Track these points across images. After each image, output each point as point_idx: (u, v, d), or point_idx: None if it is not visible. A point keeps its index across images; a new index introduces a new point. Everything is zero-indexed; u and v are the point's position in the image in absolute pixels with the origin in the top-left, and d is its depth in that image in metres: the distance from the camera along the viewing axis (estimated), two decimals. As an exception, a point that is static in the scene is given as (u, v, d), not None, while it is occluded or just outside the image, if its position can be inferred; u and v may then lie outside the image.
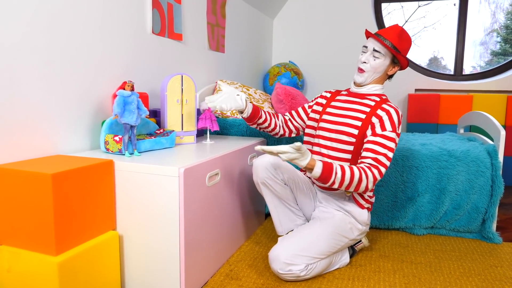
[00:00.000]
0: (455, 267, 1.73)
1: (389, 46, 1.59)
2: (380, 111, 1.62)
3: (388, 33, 1.62)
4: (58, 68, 1.54)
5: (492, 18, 5.81)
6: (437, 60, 5.35)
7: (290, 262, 1.50)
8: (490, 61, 5.38)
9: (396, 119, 1.60)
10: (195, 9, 2.53)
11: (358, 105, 1.70)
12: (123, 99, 1.52)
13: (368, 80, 1.67)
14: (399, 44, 1.61)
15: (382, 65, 1.64)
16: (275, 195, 1.70)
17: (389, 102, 1.65)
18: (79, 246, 1.31)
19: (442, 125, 3.38)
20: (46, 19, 1.47)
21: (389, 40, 1.60)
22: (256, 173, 1.67)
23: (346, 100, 1.75)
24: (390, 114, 1.60)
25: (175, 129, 1.88)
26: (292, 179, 1.68)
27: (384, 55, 1.62)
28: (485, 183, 2.00)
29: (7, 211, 1.27)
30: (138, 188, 1.44)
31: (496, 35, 5.60)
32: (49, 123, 1.52)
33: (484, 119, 2.24)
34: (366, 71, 1.65)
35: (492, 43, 5.43)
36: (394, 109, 1.61)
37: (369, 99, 1.69)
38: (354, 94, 1.75)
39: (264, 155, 1.68)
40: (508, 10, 5.91)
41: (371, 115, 1.63)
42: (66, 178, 1.24)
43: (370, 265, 1.75)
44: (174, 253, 1.41)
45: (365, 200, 1.68)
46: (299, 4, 4.01)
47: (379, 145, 1.56)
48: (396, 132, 1.59)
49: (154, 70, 2.14)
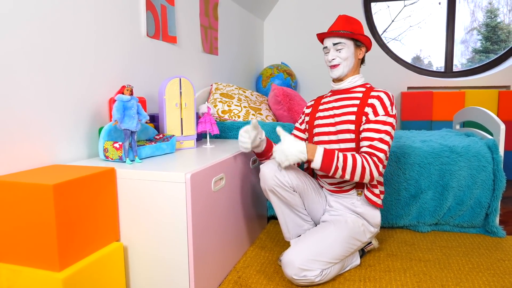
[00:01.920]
0: (464, 263, 1.72)
1: (345, 33, 1.62)
2: (371, 99, 1.62)
3: (337, 25, 1.66)
4: (52, 74, 1.48)
5: (472, 17, 5.89)
6: (420, 59, 5.41)
7: (305, 267, 1.46)
8: (472, 58, 5.45)
9: (388, 101, 1.59)
10: (188, 11, 2.48)
11: (346, 100, 1.69)
12: (122, 104, 1.47)
13: (345, 70, 1.67)
14: (351, 27, 1.64)
15: (349, 52, 1.66)
16: (283, 202, 1.66)
17: (377, 89, 1.65)
18: (83, 260, 1.25)
19: (436, 121, 3.40)
20: (38, 24, 1.41)
21: (342, 29, 1.64)
22: (264, 181, 1.62)
23: (332, 100, 1.75)
24: (381, 99, 1.60)
25: (175, 133, 1.83)
26: (301, 184, 1.64)
27: (346, 43, 1.64)
28: (487, 177, 2.00)
29: (5, 226, 1.20)
30: (142, 196, 1.38)
31: (476, 33, 5.68)
32: (45, 132, 1.46)
33: (482, 114, 2.24)
34: (339, 64, 1.66)
35: (473, 41, 5.51)
36: (384, 92, 1.62)
37: (355, 91, 1.69)
38: (338, 92, 1.74)
39: (270, 160, 1.64)
40: (487, 8, 6.00)
41: (363, 105, 1.62)
42: (68, 188, 1.18)
43: (380, 265, 1.72)
44: (182, 263, 1.36)
45: (376, 196, 1.65)
46: (289, 5, 4.00)
47: (373, 131, 1.56)
48: (389, 114, 1.58)
49: (149, 74, 2.09)
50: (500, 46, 5.60)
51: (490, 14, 5.90)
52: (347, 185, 1.69)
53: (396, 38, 5.78)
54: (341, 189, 1.70)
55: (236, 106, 2.47)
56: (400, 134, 2.55)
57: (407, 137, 2.38)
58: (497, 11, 5.96)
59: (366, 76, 3.85)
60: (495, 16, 5.88)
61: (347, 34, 1.62)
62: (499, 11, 5.96)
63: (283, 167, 1.57)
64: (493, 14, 5.88)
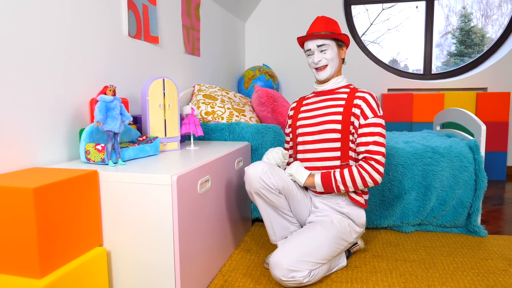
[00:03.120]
0: (448, 263, 1.74)
1: (328, 34, 1.63)
2: (357, 100, 1.64)
3: (317, 27, 1.66)
4: (31, 74, 1.42)
5: (446, 21, 6.04)
6: (396, 62, 5.51)
7: (293, 268, 1.44)
8: (447, 61, 5.58)
9: (374, 102, 1.62)
10: (170, 11, 2.44)
11: (331, 101, 1.71)
12: (105, 105, 1.42)
13: (332, 71, 1.69)
14: (332, 28, 1.66)
15: (334, 53, 1.67)
16: (269, 204, 1.64)
17: (361, 89, 1.67)
18: (65, 266, 1.19)
19: (416, 123, 3.45)
20: (16, 24, 1.35)
21: (323, 31, 1.65)
22: (249, 183, 1.60)
23: (316, 101, 1.76)
24: (367, 100, 1.62)
25: (158, 135, 1.79)
26: (286, 186, 1.62)
27: (329, 45, 1.65)
28: (469, 177, 2.03)
29: (-18, 232, 1.14)
30: (125, 200, 1.34)
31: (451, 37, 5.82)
32: (22, 133, 1.39)
33: (463, 115, 2.28)
34: (327, 65, 1.68)
35: (447, 45, 5.64)
36: (368, 93, 1.64)
37: (339, 92, 1.71)
38: (323, 93, 1.76)
39: (255, 162, 1.62)
40: (461, 13, 6.16)
41: (350, 106, 1.64)
42: (49, 192, 1.13)
43: (366, 266, 1.72)
44: (168, 267, 1.32)
45: (359, 195, 1.66)
46: (271, 7, 4.00)
47: (366, 135, 1.60)
48: (378, 116, 1.61)
49: (131, 74, 2.04)
50: (474, 49, 5.75)
51: (464, 18, 6.06)
52: None
53: (374, 41, 5.87)
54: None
55: (219, 107, 2.44)
56: (382, 135, 2.58)
57: (389, 138, 2.40)
58: (471, 16, 6.12)
59: (347, 78, 3.88)
60: (468, 21, 6.04)
61: (330, 35, 1.63)
62: (472, 15, 6.13)
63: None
64: (467, 18, 6.04)
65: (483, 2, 6.11)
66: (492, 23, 5.84)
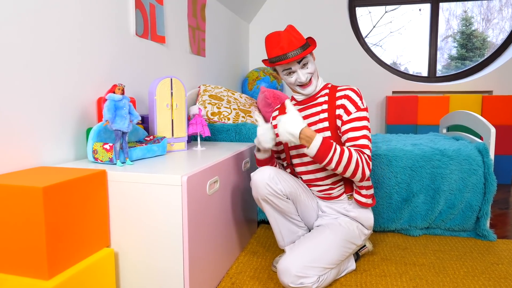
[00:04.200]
0: (458, 267, 1.72)
1: (304, 51, 1.51)
2: (339, 100, 1.56)
3: (289, 45, 1.50)
4: (38, 73, 1.40)
5: (447, 25, 6.04)
6: (396, 65, 5.50)
7: (302, 274, 1.41)
8: (448, 65, 5.58)
9: (356, 96, 1.54)
10: (176, 11, 2.42)
11: (314, 107, 1.63)
12: (114, 104, 1.40)
13: (317, 82, 1.62)
14: (300, 40, 1.53)
15: (313, 64, 1.59)
16: (277, 210, 1.61)
17: (340, 87, 1.60)
18: (73, 268, 1.17)
19: (421, 126, 3.43)
20: (23, 22, 1.33)
21: (297, 47, 1.51)
22: (256, 190, 1.56)
23: (298, 109, 1.67)
24: (348, 97, 1.55)
25: (165, 135, 1.76)
26: (293, 191, 1.59)
27: (307, 58, 1.55)
28: (478, 181, 2.01)
29: (-12, 232, 1.12)
30: (134, 200, 1.32)
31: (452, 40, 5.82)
32: (30, 132, 1.37)
33: (472, 118, 2.26)
34: (312, 79, 1.59)
35: (447, 48, 5.64)
36: (349, 89, 1.57)
37: (320, 95, 1.63)
38: (304, 101, 1.66)
39: (261, 168, 1.57)
40: (462, 16, 6.16)
41: (333, 108, 1.57)
42: (58, 191, 1.11)
43: (375, 270, 1.70)
44: (176, 269, 1.29)
45: (365, 197, 1.62)
46: (275, 8, 3.98)
47: (352, 130, 1.51)
48: (361, 109, 1.53)
49: (138, 73, 2.02)
50: (475, 53, 5.75)
51: (465, 22, 6.05)
52: (335, 192, 1.65)
53: (377, 43, 5.86)
54: (330, 196, 1.67)
55: (225, 108, 2.42)
56: (389, 137, 2.56)
57: (397, 141, 2.38)
58: (472, 19, 6.12)
59: (351, 81, 3.86)
60: (470, 24, 6.04)
61: (308, 51, 1.52)
62: (473, 19, 6.13)
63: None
64: (468, 22, 6.04)
65: (484, 6, 6.10)
66: (492, 27, 5.84)
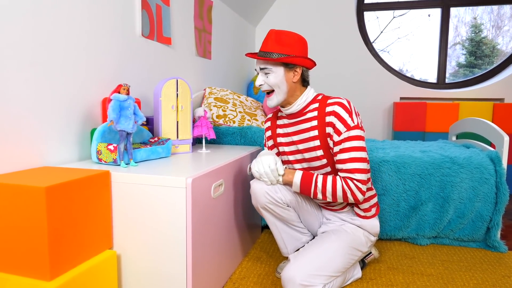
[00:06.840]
0: (468, 279, 1.67)
1: (270, 58, 1.39)
2: (328, 116, 1.43)
3: (267, 45, 1.42)
4: (43, 73, 1.38)
5: (455, 32, 5.99)
6: (402, 71, 5.46)
7: (307, 283, 1.37)
8: (456, 72, 5.52)
9: (345, 113, 1.40)
10: (182, 12, 2.40)
11: (303, 123, 1.51)
12: (118, 104, 1.38)
13: (280, 99, 1.46)
14: (281, 48, 1.40)
15: (278, 78, 1.42)
16: (278, 218, 1.58)
17: (330, 100, 1.44)
18: (75, 269, 1.14)
19: (429, 133, 3.38)
20: (30, 22, 1.31)
21: (273, 51, 1.40)
22: (256, 198, 1.52)
23: (288, 123, 1.57)
24: (337, 114, 1.41)
25: (170, 137, 1.74)
26: (294, 199, 1.56)
27: (272, 69, 1.42)
28: (489, 190, 1.96)
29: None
30: (137, 202, 1.29)
31: (460, 47, 5.76)
32: (34, 132, 1.35)
33: (484, 125, 2.22)
34: (273, 91, 1.47)
35: (455, 56, 5.59)
36: (337, 104, 1.41)
37: (309, 110, 1.49)
38: (292, 116, 1.54)
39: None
40: (472, 23, 6.10)
41: (322, 125, 1.45)
42: (61, 191, 1.08)
43: (381, 279, 1.66)
44: (179, 273, 1.26)
45: (366, 210, 1.58)
46: (281, 12, 3.96)
47: (341, 152, 1.41)
48: (350, 128, 1.40)
49: (142, 75, 2.00)
50: (484, 60, 5.68)
51: (475, 29, 6.00)
52: (337, 205, 1.61)
53: (384, 49, 5.82)
54: (333, 208, 1.63)
55: (231, 111, 2.39)
56: (398, 144, 2.52)
57: (405, 147, 2.34)
58: (481, 26, 6.06)
59: (359, 87, 3.82)
60: (479, 31, 5.98)
61: (273, 59, 1.40)
62: (483, 26, 6.07)
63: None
64: (477, 29, 5.98)
65: (494, 13, 6.05)
66: (503, 34, 5.77)
